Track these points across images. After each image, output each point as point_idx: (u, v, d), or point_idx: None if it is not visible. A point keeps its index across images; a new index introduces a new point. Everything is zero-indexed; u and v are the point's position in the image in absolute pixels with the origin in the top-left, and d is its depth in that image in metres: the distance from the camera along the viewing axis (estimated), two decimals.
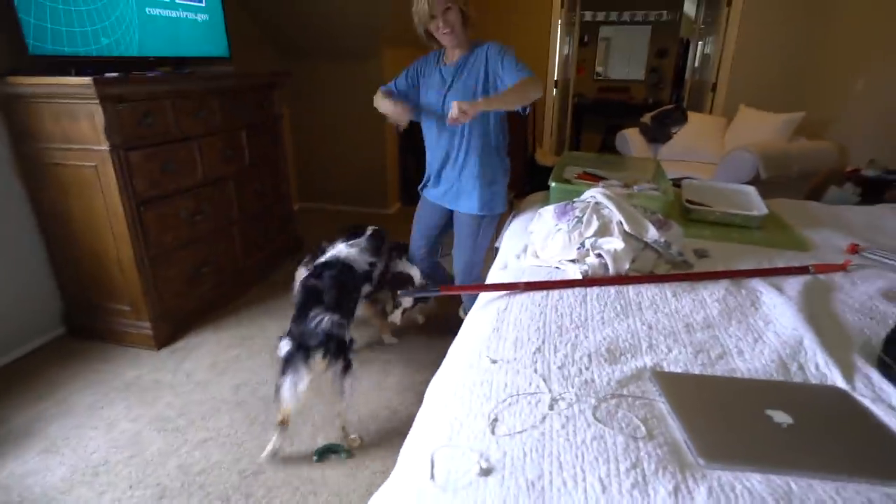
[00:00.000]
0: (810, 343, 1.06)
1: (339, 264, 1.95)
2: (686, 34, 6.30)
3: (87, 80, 1.91)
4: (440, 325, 2.53)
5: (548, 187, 1.95)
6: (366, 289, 2.09)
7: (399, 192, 4.53)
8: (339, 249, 2.05)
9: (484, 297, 1.33)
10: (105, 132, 2.02)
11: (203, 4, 2.78)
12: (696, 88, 5.24)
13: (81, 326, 2.44)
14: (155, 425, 1.87)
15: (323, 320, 1.59)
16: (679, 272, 1.39)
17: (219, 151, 2.62)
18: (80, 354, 2.31)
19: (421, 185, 2.22)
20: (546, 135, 5.15)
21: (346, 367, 1.63)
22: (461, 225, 2.08)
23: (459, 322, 1.46)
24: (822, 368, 0.99)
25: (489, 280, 1.56)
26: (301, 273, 2.24)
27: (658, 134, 4.06)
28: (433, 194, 2.15)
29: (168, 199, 2.34)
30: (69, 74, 2.02)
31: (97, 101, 1.96)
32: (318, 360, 1.54)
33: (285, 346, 1.58)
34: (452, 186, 2.05)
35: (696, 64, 5.30)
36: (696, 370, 0.98)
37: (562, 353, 1.02)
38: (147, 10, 2.42)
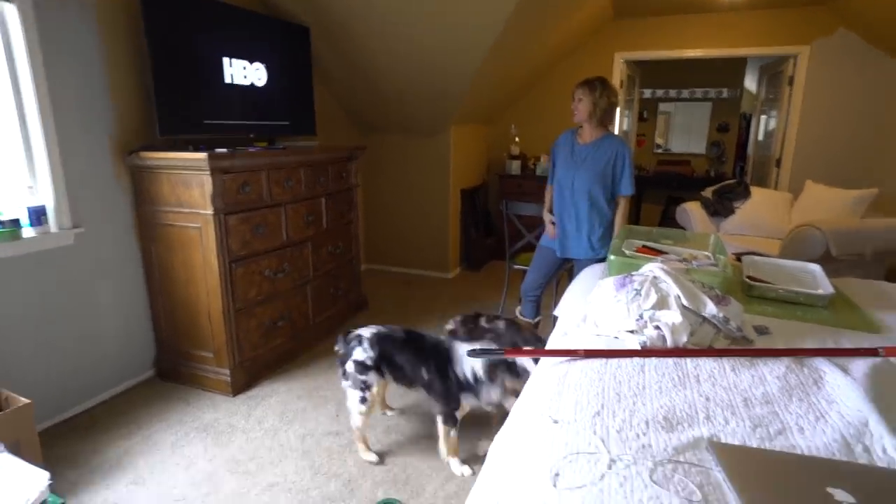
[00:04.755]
0: (877, 425, 1.06)
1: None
2: (748, 109, 6.35)
3: (202, 155, 2.25)
4: None
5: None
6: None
7: (460, 258, 4.71)
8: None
9: (546, 361, 1.41)
10: (211, 198, 2.32)
11: (294, 85, 3.20)
12: (759, 163, 5.22)
13: (169, 370, 2.69)
14: (228, 467, 2.01)
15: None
16: (738, 347, 1.42)
17: (302, 217, 2.91)
18: (166, 396, 2.53)
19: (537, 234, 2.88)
20: None
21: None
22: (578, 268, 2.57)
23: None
24: (890, 452, 0.99)
25: (550, 346, 1.64)
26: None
27: (720, 208, 4.08)
28: (552, 242, 2.70)
29: (255, 258, 2.60)
30: (187, 150, 2.38)
31: (208, 172, 2.29)
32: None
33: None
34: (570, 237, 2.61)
35: (760, 138, 5.31)
36: (754, 444, 1.00)
37: (620, 417, 1.08)
38: (246, 92, 2.83)
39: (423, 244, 4.52)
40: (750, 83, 6.34)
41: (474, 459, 2.01)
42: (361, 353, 2.00)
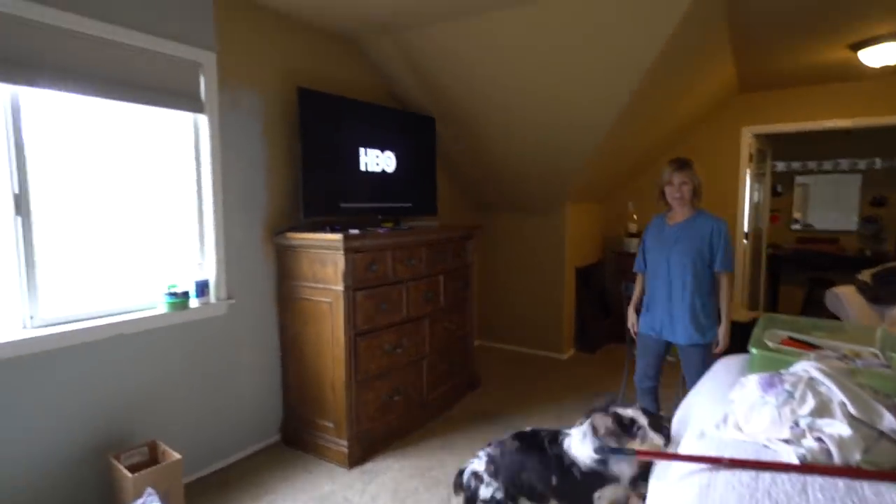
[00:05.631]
0: None
1: None
2: None
3: (338, 236, 2.48)
4: None
5: (743, 347, 1.84)
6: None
7: (574, 339, 4.55)
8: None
9: (680, 467, 1.28)
10: (343, 275, 2.53)
11: (419, 169, 3.46)
12: None
13: (293, 437, 2.84)
14: None
15: None
16: None
17: (421, 293, 3.03)
18: (289, 462, 2.66)
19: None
20: (738, 288, 4.81)
21: None
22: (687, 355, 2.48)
23: None
24: None
25: (684, 449, 1.48)
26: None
27: (883, 293, 3.54)
28: (649, 328, 2.58)
29: (378, 332, 2.74)
30: (324, 230, 2.65)
31: (342, 252, 2.51)
32: None
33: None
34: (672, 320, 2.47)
35: None
36: None
37: None
38: (377, 177, 3.12)
39: (536, 323, 4.45)
40: None
41: None
42: (487, 491, 1.79)
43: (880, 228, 5.75)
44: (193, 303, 2.48)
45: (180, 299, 2.39)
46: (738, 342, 2.29)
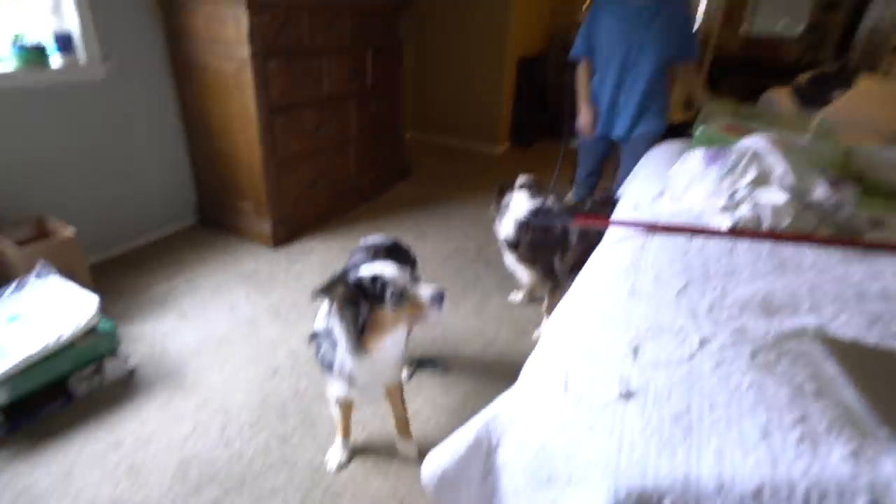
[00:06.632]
0: None
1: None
2: None
3: None
4: None
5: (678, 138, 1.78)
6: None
7: (510, 133, 4.41)
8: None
9: (616, 233, 1.25)
10: (248, 36, 2.09)
11: None
12: (869, 51, 4.50)
13: (211, 219, 2.67)
14: (269, 314, 2.02)
15: None
16: (850, 237, 1.22)
17: (346, 70, 2.65)
18: (208, 243, 2.53)
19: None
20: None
21: None
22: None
23: None
24: None
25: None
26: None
27: (816, 95, 3.57)
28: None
29: (296, 109, 2.42)
30: None
31: (245, 5, 2.02)
32: None
33: None
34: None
35: (872, 23, 4.53)
36: (871, 341, 0.85)
37: (709, 298, 0.93)
38: None
39: (471, 114, 4.21)
40: None
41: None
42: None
43: (823, 36, 5.66)
44: (55, 60, 1.99)
45: (34, 53, 1.89)
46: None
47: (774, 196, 1.21)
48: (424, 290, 1.03)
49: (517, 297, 2.17)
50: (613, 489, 0.62)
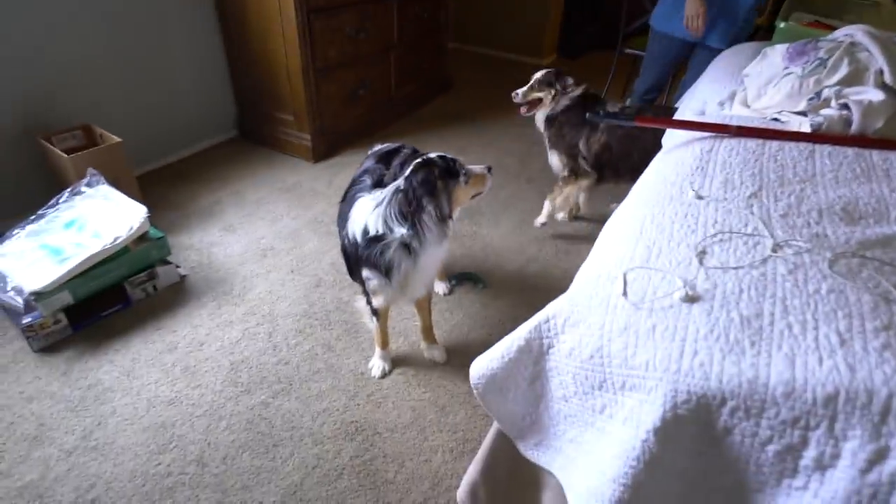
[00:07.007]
0: None
1: None
2: None
3: None
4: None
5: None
6: None
7: (557, 43, 4.11)
8: None
9: (682, 136, 1.15)
10: None
11: None
12: None
13: (251, 131, 2.65)
14: (311, 226, 2.03)
15: None
16: None
17: None
18: (250, 156, 2.52)
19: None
20: None
21: None
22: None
23: None
24: None
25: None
26: None
27: None
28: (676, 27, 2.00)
29: (335, 10, 2.28)
30: None
31: None
32: None
33: None
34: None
35: None
36: None
37: (784, 202, 0.85)
38: None
39: (517, 24, 3.91)
40: None
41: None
42: None
43: None
44: None
45: None
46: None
47: (869, 93, 1.07)
48: (478, 167, 1.24)
49: (539, 220, 2.02)
50: (673, 392, 0.59)
